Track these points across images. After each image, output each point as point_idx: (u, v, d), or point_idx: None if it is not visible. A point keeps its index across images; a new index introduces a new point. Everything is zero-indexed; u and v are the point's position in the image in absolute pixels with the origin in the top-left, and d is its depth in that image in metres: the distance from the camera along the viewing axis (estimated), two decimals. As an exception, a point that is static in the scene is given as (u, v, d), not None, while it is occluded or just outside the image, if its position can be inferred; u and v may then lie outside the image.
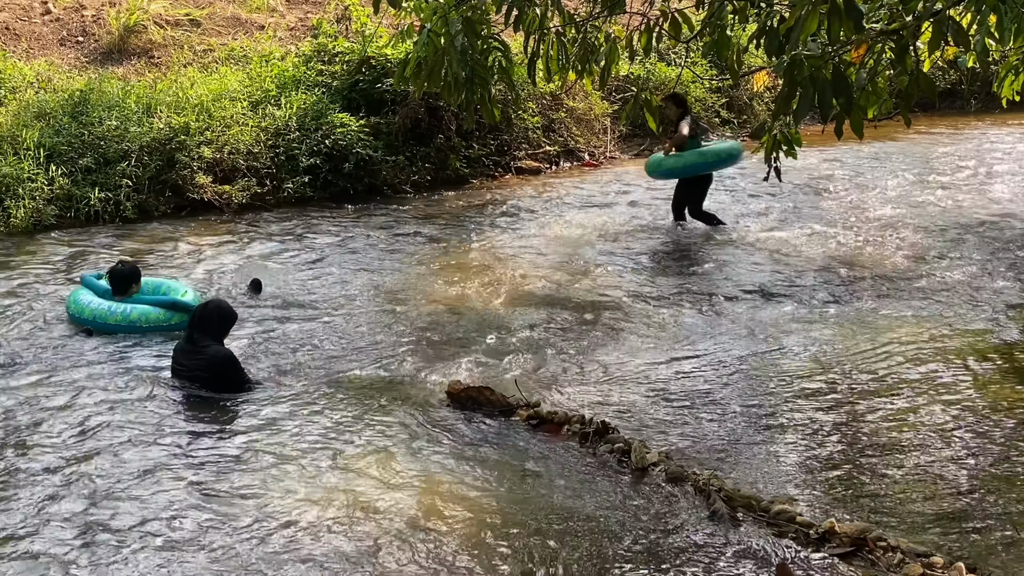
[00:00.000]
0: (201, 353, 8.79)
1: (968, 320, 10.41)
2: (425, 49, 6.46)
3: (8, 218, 13.31)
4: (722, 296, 11.16)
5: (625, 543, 6.68)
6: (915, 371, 9.31)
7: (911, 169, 16.45)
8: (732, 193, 15.31)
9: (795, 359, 9.60)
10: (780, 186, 10.03)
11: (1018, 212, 13.97)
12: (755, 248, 12.81)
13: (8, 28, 17.41)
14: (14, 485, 7.33)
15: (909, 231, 13.26)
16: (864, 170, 16.29)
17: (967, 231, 13.25)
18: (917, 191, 15.23)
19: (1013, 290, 11.21)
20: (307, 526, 6.82)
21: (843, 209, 14.37)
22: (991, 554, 6.58)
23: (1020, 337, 10.03)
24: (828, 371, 9.35)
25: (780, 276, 11.77)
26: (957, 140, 18.26)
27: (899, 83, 6.02)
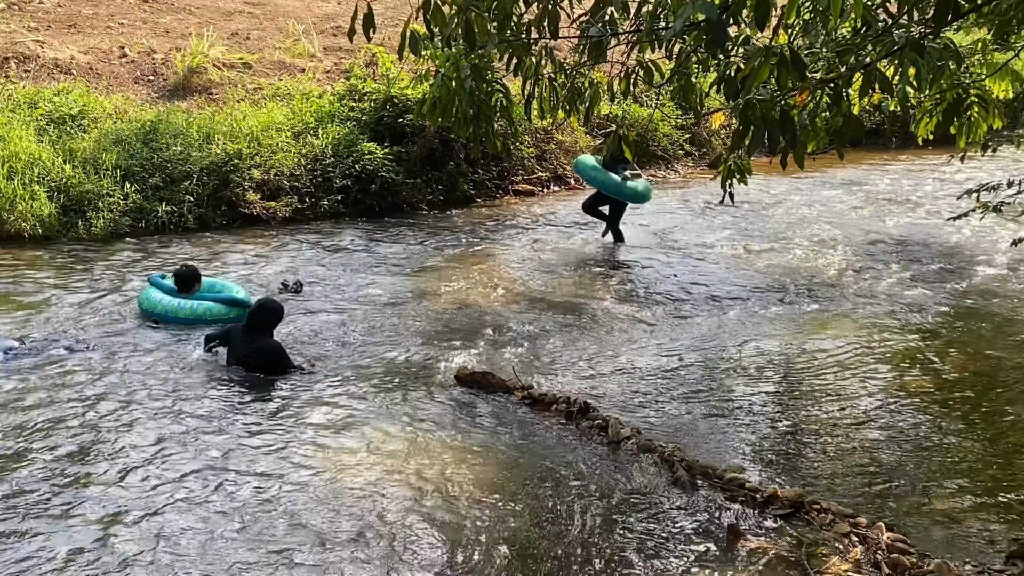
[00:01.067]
0: (254, 343, 8.88)
1: (887, 321, 10.43)
2: (439, 90, 6.47)
3: (90, 227, 13.33)
4: (684, 300, 11.18)
5: (602, 503, 6.71)
6: (844, 363, 9.34)
7: (843, 196, 16.47)
8: (693, 213, 15.32)
9: (745, 352, 9.62)
10: (733, 208, 10.06)
11: (929, 233, 14.00)
12: (712, 260, 12.83)
13: (92, 69, 17.42)
14: (107, 453, 7.35)
15: (840, 247, 13.30)
16: (804, 196, 16.31)
17: (887, 248, 13.29)
18: (847, 214, 15.25)
19: (922, 297, 11.24)
20: (342, 481, 6.87)
21: (786, 228, 14.38)
22: (906, 515, 6.62)
23: (927, 334, 10.07)
24: (772, 363, 9.38)
25: (733, 284, 11.79)
26: (881, 172, 18.28)
27: (834, 123, 6.04)
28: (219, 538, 6.17)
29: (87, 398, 8.28)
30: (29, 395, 8.28)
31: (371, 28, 5.79)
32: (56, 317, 10.23)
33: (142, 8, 21.38)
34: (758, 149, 5.30)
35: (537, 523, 6.46)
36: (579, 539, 6.30)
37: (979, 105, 6.68)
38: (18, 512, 6.44)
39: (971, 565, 5.75)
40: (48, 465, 7.08)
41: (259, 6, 22.32)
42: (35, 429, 7.67)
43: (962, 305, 11.01)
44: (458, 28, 5.99)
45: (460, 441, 7.60)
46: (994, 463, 7.43)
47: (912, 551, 5.88)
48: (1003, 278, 11.87)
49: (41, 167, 13.68)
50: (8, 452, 7.27)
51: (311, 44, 19.48)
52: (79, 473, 7.00)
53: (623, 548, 6.18)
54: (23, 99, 15.41)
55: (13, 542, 6.10)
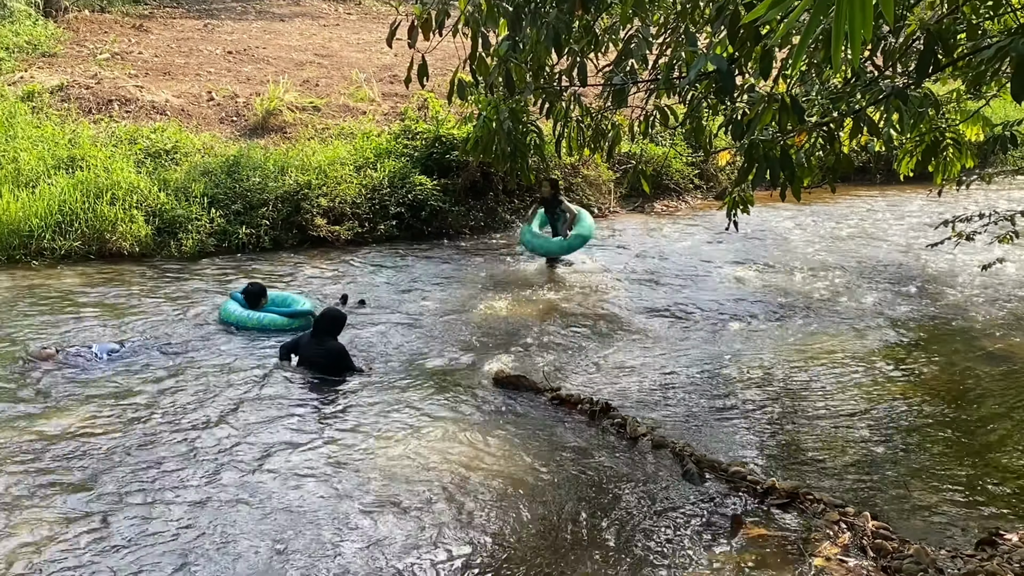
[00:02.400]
0: (322, 346, 8.94)
1: (872, 335, 10.34)
2: (481, 130, 6.49)
3: (181, 246, 13.43)
4: (693, 315, 11.13)
5: (620, 491, 6.68)
6: (832, 370, 9.28)
7: (834, 225, 16.36)
8: (701, 240, 15.25)
9: (747, 361, 9.57)
10: (737, 235, 10.02)
11: (910, 259, 13.88)
12: (717, 280, 12.78)
13: (183, 110, 17.58)
14: (195, 440, 7.40)
15: (831, 270, 13.20)
16: (799, 224, 16.22)
17: (873, 271, 13.17)
18: (838, 241, 15.15)
19: (903, 314, 11.13)
20: (397, 465, 6.88)
21: (783, 253, 14.31)
22: (888, 504, 6.58)
23: (908, 347, 9.98)
24: (770, 370, 9.32)
25: (736, 301, 11.73)
26: (868, 204, 18.15)
27: (827, 161, 6.01)
28: (292, 509, 6.20)
29: (176, 392, 8.37)
30: (129, 389, 8.38)
31: (424, 77, 5.81)
32: (151, 324, 10.31)
33: (227, 59, 21.58)
34: (760, 183, 5.28)
35: (564, 506, 6.44)
36: (601, 521, 6.28)
37: (954, 147, 6.64)
38: (114, 491, 6.50)
39: (945, 550, 5.69)
40: (144, 449, 7.15)
41: (327, 57, 22.48)
42: (134, 418, 7.75)
43: (938, 322, 10.91)
44: (499, 77, 6.00)
45: (497, 434, 7.60)
46: (966, 460, 7.35)
47: (894, 537, 5.83)
48: (973, 298, 11.76)
49: (139, 194, 13.81)
50: (114, 437, 7.34)
51: (371, 90, 19.58)
52: (172, 453, 7.06)
53: (639, 530, 6.16)
54: (124, 136, 15.60)
55: (126, 505, 6.15)
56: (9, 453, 7.05)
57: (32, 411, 7.86)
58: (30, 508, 6.25)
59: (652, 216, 17.09)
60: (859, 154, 16.11)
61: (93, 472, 6.79)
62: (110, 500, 6.39)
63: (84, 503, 6.34)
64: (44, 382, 8.50)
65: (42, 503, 6.33)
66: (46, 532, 5.97)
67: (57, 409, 7.92)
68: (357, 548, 5.86)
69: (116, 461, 6.97)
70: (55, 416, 7.78)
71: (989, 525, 6.14)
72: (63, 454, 7.07)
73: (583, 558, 5.84)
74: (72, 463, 6.92)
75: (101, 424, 7.64)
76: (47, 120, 15.92)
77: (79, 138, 15.19)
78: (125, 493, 6.50)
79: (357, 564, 5.67)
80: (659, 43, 6.54)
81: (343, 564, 5.67)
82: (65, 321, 10.31)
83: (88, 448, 7.18)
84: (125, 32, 23.20)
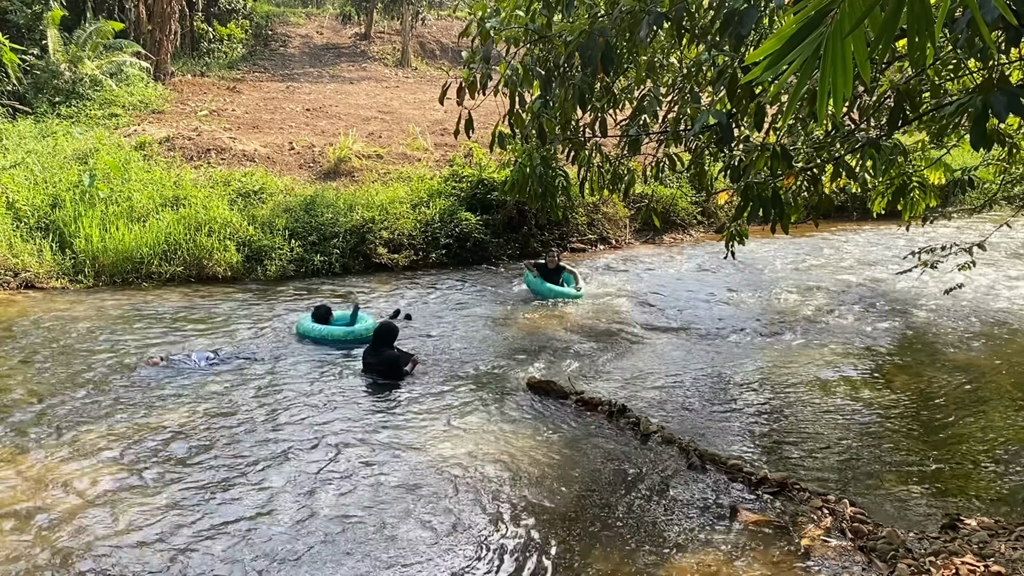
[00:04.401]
0: (379, 355, 8.98)
1: (849, 349, 10.24)
2: (517, 174, 6.52)
3: (266, 271, 13.55)
4: (695, 331, 11.07)
5: (634, 480, 6.64)
6: (817, 379, 9.18)
7: (816, 255, 16.22)
8: (702, 267, 15.18)
9: (743, 370, 9.49)
10: (734, 263, 9.97)
11: (881, 284, 13.73)
12: (716, 302, 12.70)
13: (269, 158, 17.77)
14: (276, 434, 7.45)
15: (814, 293, 13.08)
16: (787, 254, 16.09)
17: (849, 295, 13.04)
18: (819, 269, 15.02)
19: (876, 331, 11.01)
20: (442, 456, 6.88)
21: (773, 279, 14.20)
22: (864, 493, 6.51)
23: (880, 358, 9.86)
24: (763, 377, 9.25)
25: (732, 320, 11.65)
26: (845, 238, 17.99)
27: (811, 200, 5.98)
28: (358, 493, 6.22)
29: (261, 392, 8.43)
30: (221, 391, 8.44)
31: (470, 129, 5.85)
32: (241, 336, 10.39)
33: (305, 115, 21.81)
34: (754, 219, 5.26)
35: (584, 493, 6.42)
36: (617, 505, 6.24)
37: (919, 188, 6.58)
38: (212, 476, 6.55)
39: (914, 533, 5.61)
40: (236, 441, 7.21)
41: (389, 114, 22.66)
42: (226, 414, 7.82)
43: (907, 337, 10.79)
44: (533, 129, 6.04)
45: (529, 432, 7.59)
46: (931, 456, 7.25)
47: (869, 521, 5.76)
48: (937, 318, 11.61)
49: (232, 227, 13.97)
50: (205, 432, 7.41)
51: (425, 141, 19.71)
52: (257, 444, 7.11)
53: (650, 513, 6.12)
54: (220, 179, 15.79)
55: (208, 495, 6.20)
56: (122, 443, 7.13)
57: (142, 408, 7.96)
58: (137, 490, 6.32)
59: (662, 247, 17.02)
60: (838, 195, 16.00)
61: (190, 461, 6.85)
62: (204, 484, 6.45)
63: (182, 488, 6.40)
64: (152, 383, 8.60)
65: (148, 487, 6.40)
66: (148, 512, 6.03)
67: (163, 407, 8.01)
68: (413, 525, 5.87)
69: (210, 451, 7.04)
70: (161, 412, 7.87)
71: (952, 512, 6.05)
72: (163, 444, 7.14)
73: (601, 536, 5.81)
74: (173, 453, 7.00)
75: (199, 419, 7.71)
76: (156, 166, 16.15)
77: (182, 181, 15.39)
78: (217, 480, 6.56)
79: (415, 535, 5.68)
80: (668, 101, 6.54)
81: (400, 535, 5.68)
82: (170, 333, 10.42)
83: (187, 440, 7.25)
84: (221, 93, 23.52)
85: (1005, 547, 5.16)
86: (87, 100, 19.88)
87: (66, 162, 15.49)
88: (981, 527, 5.62)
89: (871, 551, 5.36)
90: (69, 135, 17.22)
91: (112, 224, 13.50)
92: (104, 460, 6.80)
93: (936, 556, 5.12)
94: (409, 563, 5.41)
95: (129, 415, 7.77)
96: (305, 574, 5.27)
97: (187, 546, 5.58)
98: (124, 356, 9.43)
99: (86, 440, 7.17)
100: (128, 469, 6.65)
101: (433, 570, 5.34)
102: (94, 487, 6.33)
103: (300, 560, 5.42)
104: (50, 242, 13.14)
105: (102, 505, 6.07)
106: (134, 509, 6.02)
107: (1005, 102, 3.47)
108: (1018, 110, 3.51)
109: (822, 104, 2.08)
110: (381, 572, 5.31)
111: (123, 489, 6.32)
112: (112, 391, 8.38)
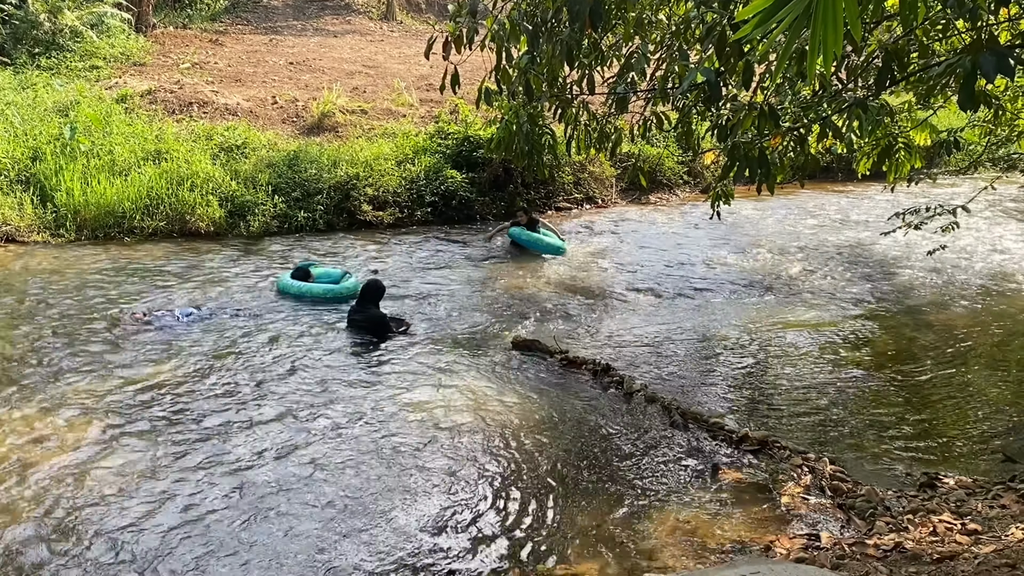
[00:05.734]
0: (365, 312, 8.95)
1: (833, 309, 10.31)
2: (503, 131, 6.46)
3: (249, 227, 13.45)
4: (680, 291, 11.09)
5: (617, 438, 6.70)
6: (800, 339, 9.25)
7: (801, 216, 16.22)
8: (688, 227, 15.16)
9: (726, 330, 9.54)
10: (720, 223, 9.90)
11: (866, 245, 13.77)
12: (702, 262, 12.71)
13: (252, 112, 17.55)
14: (257, 389, 7.45)
15: (798, 254, 13.12)
16: (772, 215, 16.09)
17: (834, 256, 13.08)
18: (804, 229, 15.03)
19: (859, 292, 11.07)
20: (427, 413, 6.91)
21: (758, 239, 14.20)
22: (844, 451, 6.59)
23: (862, 319, 9.93)
24: (745, 337, 9.30)
25: (717, 280, 11.68)
26: (831, 198, 18.00)
27: (797, 161, 5.96)
28: (345, 449, 6.25)
29: (243, 348, 8.42)
30: (204, 346, 8.43)
31: (456, 85, 5.79)
32: (224, 291, 10.35)
33: (288, 69, 21.53)
34: (740, 179, 5.25)
35: (568, 449, 6.47)
36: (599, 462, 6.30)
37: (905, 150, 6.56)
38: (196, 429, 6.56)
39: (892, 491, 5.69)
40: (219, 395, 7.21)
41: (373, 68, 22.38)
42: (208, 370, 7.81)
43: (889, 298, 10.85)
44: (519, 86, 5.97)
45: (514, 390, 7.62)
46: (910, 416, 7.33)
47: (848, 479, 5.83)
48: (920, 279, 11.67)
49: (214, 182, 13.83)
50: (188, 387, 7.40)
51: (411, 97, 19.50)
52: (240, 402, 7.12)
53: (631, 471, 6.18)
54: (202, 133, 15.60)
55: (189, 450, 6.21)
56: (101, 397, 7.12)
57: (124, 362, 7.95)
58: (117, 444, 6.33)
59: (648, 206, 16.99)
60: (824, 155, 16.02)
61: (171, 416, 6.85)
62: (184, 440, 6.46)
63: (162, 443, 6.40)
64: (135, 338, 8.57)
65: (128, 441, 6.40)
66: (129, 466, 6.04)
67: (145, 361, 7.99)
68: (399, 478, 5.90)
69: (191, 406, 7.04)
70: (143, 367, 7.86)
71: (929, 470, 6.13)
72: (147, 399, 7.14)
73: (583, 493, 5.87)
74: (153, 408, 6.99)
75: (180, 375, 7.71)
76: (137, 119, 15.93)
77: (164, 135, 15.20)
78: (197, 435, 6.56)
79: (402, 488, 5.72)
80: (656, 58, 6.48)
81: (381, 490, 5.72)
82: (152, 288, 10.37)
83: (168, 395, 7.25)
84: (203, 45, 23.16)
85: (982, 506, 5.24)
86: (67, 51, 19.54)
87: (46, 114, 15.27)
88: (959, 486, 5.70)
89: (850, 509, 5.44)
90: (49, 87, 16.94)
91: (94, 178, 13.35)
92: (84, 414, 6.79)
93: (914, 514, 5.20)
94: (390, 519, 5.45)
95: (111, 370, 7.75)
96: (287, 529, 5.30)
97: (165, 502, 5.59)
98: (106, 311, 9.38)
99: (66, 394, 7.15)
100: (108, 423, 6.65)
101: (414, 524, 5.38)
102: (74, 441, 6.33)
103: (282, 515, 5.45)
104: (31, 195, 12.99)
105: (83, 460, 6.07)
106: (115, 463, 6.03)
107: (994, 63, 3.46)
108: (1007, 71, 3.49)
109: (812, 63, 2.06)
110: (361, 526, 5.35)
111: (103, 443, 6.32)
112: (94, 346, 8.35)
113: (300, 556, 5.03)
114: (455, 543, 5.21)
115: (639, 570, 4.86)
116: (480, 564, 5.02)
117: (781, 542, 5.00)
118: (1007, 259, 12.79)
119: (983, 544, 4.52)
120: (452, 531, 5.34)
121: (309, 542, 5.17)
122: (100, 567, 4.91)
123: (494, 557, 5.10)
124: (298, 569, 4.91)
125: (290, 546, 5.13)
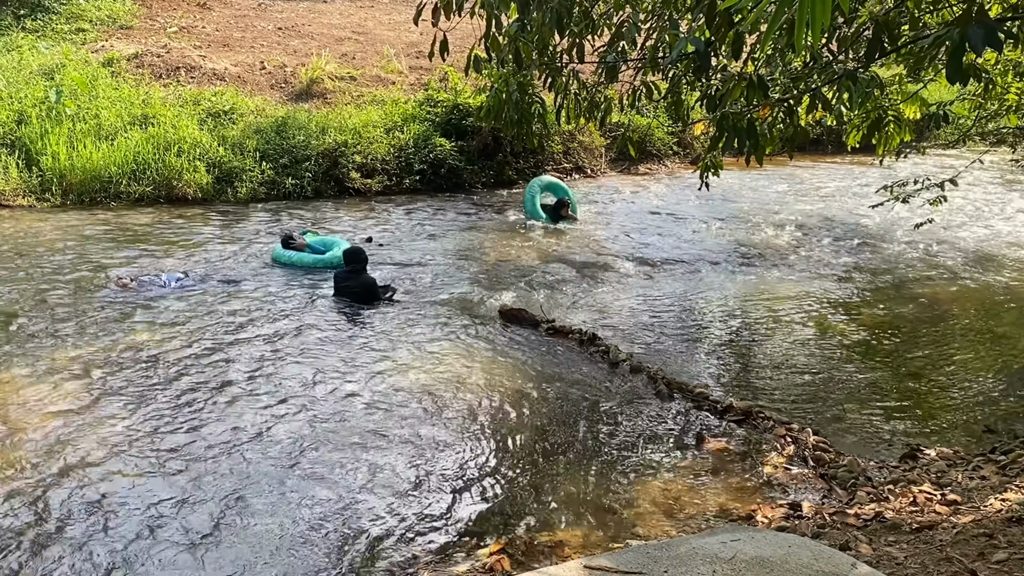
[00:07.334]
0: (354, 278, 8.98)
1: (819, 281, 10.34)
2: (493, 100, 6.42)
3: (236, 193, 13.39)
4: (668, 261, 11.11)
5: (602, 407, 6.73)
6: (786, 310, 9.28)
7: (790, 188, 16.23)
8: (677, 198, 15.15)
9: (712, 301, 9.58)
10: (708, 194, 9.87)
11: (854, 217, 13.80)
12: (691, 233, 12.74)
13: (240, 77, 17.40)
14: (246, 355, 7.44)
15: (786, 226, 13.14)
16: (760, 186, 16.10)
17: (821, 227, 13.11)
18: (793, 201, 15.05)
19: (846, 264, 11.12)
20: (414, 380, 6.92)
21: (746, 211, 14.21)
22: (826, 423, 6.62)
23: (848, 291, 9.97)
24: (731, 309, 9.34)
25: (705, 251, 11.70)
26: (820, 170, 18.00)
27: (786, 132, 5.95)
28: (335, 411, 6.26)
29: (231, 314, 8.41)
30: (193, 312, 8.41)
31: (445, 52, 5.74)
32: (212, 257, 10.32)
33: (277, 34, 21.31)
34: (729, 150, 5.24)
35: (553, 419, 6.49)
36: (584, 430, 6.33)
37: (894, 123, 6.56)
38: (183, 395, 6.56)
39: (874, 462, 5.74)
40: (204, 362, 7.21)
41: (362, 34, 22.18)
42: (197, 336, 7.79)
43: (876, 270, 10.89)
44: (509, 54, 5.93)
45: (500, 358, 7.63)
46: (893, 388, 7.39)
47: (831, 450, 5.88)
48: (906, 252, 11.72)
49: (202, 148, 13.74)
50: (175, 354, 7.39)
51: (400, 64, 19.35)
52: (231, 366, 7.12)
53: (616, 440, 6.21)
54: (189, 98, 15.47)
55: (177, 415, 6.21)
56: (90, 363, 7.11)
57: (111, 327, 7.92)
58: (104, 410, 6.32)
59: (637, 177, 16.97)
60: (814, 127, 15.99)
61: (159, 382, 6.85)
62: (172, 406, 6.46)
63: (150, 409, 6.40)
64: (122, 303, 8.54)
65: (115, 406, 6.40)
66: (115, 432, 6.04)
67: (132, 327, 7.97)
68: (382, 448, 5.92)
69: (179, 373, 7.03)
70: (130, 332, 7.84)
71: (911, 442, 6.19)
72: (134, 365, 7.13)
73: (568, 461, 5.90)
74: (141, 373, 6.98)
75: (167, 341, 7.69)
76: (124, 83, 15.77)
77: (151, 99, 15.06)
78: (185, 400, 6.56)
79: (384, 457, 5.74)
80: (646, 27, 6.44)
81: (368, 456, 5.74)
82: (140, 253, 10.32)
83: (155, 361, 7.23)
84: (191, 9, 22.88)
85: (962, 477, 5.30)
86: (53, 14, 19.30)
87: (32, 77, 15.10)
88: (940, 457, 5.76)
89: (832, 479, 5.49)
90: (35, 50, 16.73)
91: (80, 142, 13.23)
92: (70, 380, 6.77)
93: (895, 484, 5.25)
94: (372, 485, 5.47)
95: (97, 335, 7.72)
96: (275, 492, 5.31)
97: (153, 467, 5.60)
98: (93, 276, 9.34)
99: (53, 359, 7.13)
100: (95, 389, 6.64)
101: (398, 491, 5.41)
102: (61, 407, 6.32)
103: (270, 478, 5.46)
104: (16, 159, 12.87)
105: (72, 425, 6.06)
106: (102, 428, 6.03)
107: (982, 35, 3.44)
108: (995, 43, 3.48)
109: (799, 34, 2.06)
110: (348, 490, 5.37)
111: (89, 409, 6.31)
112: (80, 311, 8.32)
113: (285, 520, 5.05)
114: (438, 510, 5.23)
115: (622, 537, 4.90)
116: (464, 531, 5.05)
117: (763, 511, 5.05)
118: (992, 234, 12.85)
119: (962, 514, 4.57)
120: (436, 499, 5.37)
121: (291, 509, 5.19)
122: (83, 534, 4.92)
123: (478, 524, 5.14)
124: (285, 531, 4.93)
125: (274, 514, 5.15)
